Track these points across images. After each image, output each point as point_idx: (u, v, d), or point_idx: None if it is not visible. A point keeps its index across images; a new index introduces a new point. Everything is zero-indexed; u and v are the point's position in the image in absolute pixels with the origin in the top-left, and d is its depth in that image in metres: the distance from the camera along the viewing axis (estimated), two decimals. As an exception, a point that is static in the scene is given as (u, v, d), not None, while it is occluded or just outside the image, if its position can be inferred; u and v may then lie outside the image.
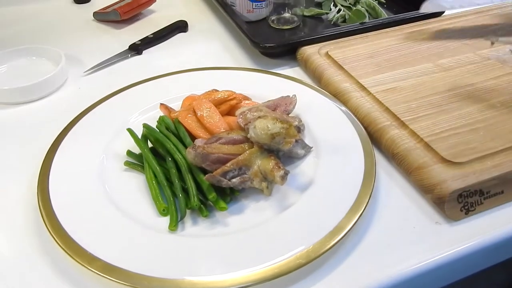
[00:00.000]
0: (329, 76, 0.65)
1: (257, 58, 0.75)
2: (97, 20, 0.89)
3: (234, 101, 0.58)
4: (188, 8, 0.94)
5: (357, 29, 0.75)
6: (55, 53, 0.72)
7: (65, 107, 0.65)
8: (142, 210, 0.48)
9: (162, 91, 0.64)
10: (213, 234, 0.45)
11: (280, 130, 0.48)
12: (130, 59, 0.76)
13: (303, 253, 0.41)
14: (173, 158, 0.50)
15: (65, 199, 0.47)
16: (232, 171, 0.47)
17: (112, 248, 0.42)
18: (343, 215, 0.45)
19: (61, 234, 0.43)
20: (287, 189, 0.49)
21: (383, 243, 0.45)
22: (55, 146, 0.54)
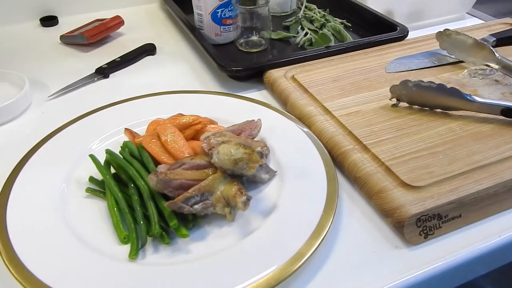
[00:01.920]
0: (294, 100, 0.66)
1: (224, 81, 0.76)
2: (64, 43, 0.88)
3: (199, 125, 0.58)
4: (157, 31, 0.94)
5: (322, 53, 0.76)
6: (18, 77, 0.71)
7: (27, 132, 0.64)
8: (103, 238, 0.47)
9: (128, 115, 0.64)
10: (175, 262, 0.44)
11: (243, 156, 0.48)
12: (96, 82, 0.76)
13: (264, 280, 0.41)
14: (135, 185, 0.50)
15: (23, 229, 0.46)
16: (194, 197, 0.47)
17: (72, 280, 0.41)
18: (304, 240, 0.45)
19: (17, 266, 0.42)
20: (251, 214, 0.49)
21: (345, 268, 0.45)
22: (14, 174, 0.53)
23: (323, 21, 0.88)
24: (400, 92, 0.63)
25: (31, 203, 0.50)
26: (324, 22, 0.88)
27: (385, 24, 0.85)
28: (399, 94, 0.63)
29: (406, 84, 0.62)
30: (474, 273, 0.50)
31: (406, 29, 0.83)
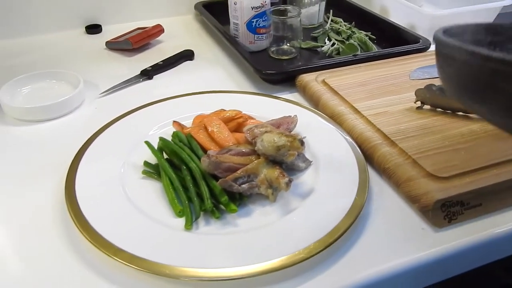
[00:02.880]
0: (326, 101, 0.72)
1: (259, 84, 0.82)
2: (109, 48, 0.96)
3: (240, 119, 0.64)
4: (193, 39, 1.01)
5: (350, 60, 0.82)
6: (73, 77, 0.78)
7: (83, 124, 0.71)
8: (160, 212, 0.53)
9: (173, 111, 0.70)
10: (224, 233, 0.50)
11: (285, 143, 0.54)
12: (141, 83, 0.83)
13: (305, 249, 0.46)
14: (187, 167, 0.56)
15: (91, 202, 0.52)
16: (242, 177, 0.53)
17: (136, 243, 0.47)
18: (340, 219, 0.50)
19: (90, 232, 0.48)
20: (290, 196, 0.55)
21: (376, 244, 0.50)
22: (78, 158, 0.59)
23: (349, 32, 0.94)
24: (424, 95, 0.69)
25: (96, 181, 0.56)
26: (351, 33, 0.94)
27: (408, 36, 0.91)
28: (424, 97, 0.69)
29: (430, 88, 0.68)
30: (491, 257, 0.55)
31: (428, 41, 0.89)
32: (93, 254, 0.48)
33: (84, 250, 0.49)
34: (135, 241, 0.48)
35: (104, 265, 0.47)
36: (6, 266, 0.48)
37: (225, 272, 0.44)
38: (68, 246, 0.49)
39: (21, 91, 0.78)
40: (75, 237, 0.50)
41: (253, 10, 0.87)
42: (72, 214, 0.50)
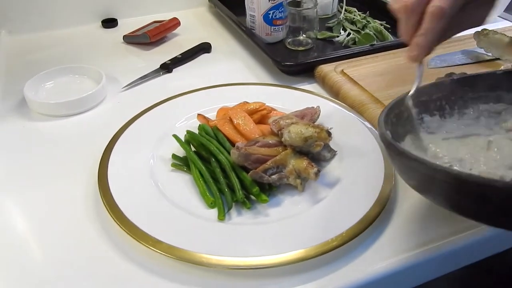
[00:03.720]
0: (346, 91, 0.73)
1: (277, 76, 0.83)
2: (126, 42, 0.96)
3: (264, 111, 0.66)
4: (208, 32, 1.02)
5: (368, 50, 0.83)
6: (95, 72, 0.79)
7: (108, 119, 0.72)
8: (192, 203, 0.54)
9: (196, 104, 0.71)
10: (256, 223, 0.51)
11: (313, 134, 0.55)
12: (161, 76, 0.84)
13: (337, 236, 0.48)
14: (216, 159, 0.57)
15: (125, 195, 0.54)
16: (271, 168, 0.54)
17: (172, 234, 0.49)
18: (370, 206, 0.51)
19: (128, 225, 0.49)
20: (317, 185, 0.56)
21: (405, 230, 0.51)
22: (108, 152, 0.60)
23: (364, 22, 0.95)
24: (445, 83, 0.69)
25: (127, 173, 0.57)
26: (365, 23, 0.95)
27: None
28: (444, 85, 0.69)
29: (451, 76, 0.69)
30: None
31: (443, 29, 0.89)
32: (130, 246, 0.49)
33: (120, 242, 0.50)
34: (171, 232, 0.49)
35: (141, 256, 0.48)
36: (48, 263, 0.50)
37: (261, 261, 0.46)
38: (105, 239, 0.51)
39: (44, 86, 0.79)
40: (110, 229, 0.51)
41: (270, 2, 0.87)
42: (108, 208, 0.52)
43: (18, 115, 0.73)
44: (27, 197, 0.58)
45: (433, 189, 0.46)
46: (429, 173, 0.42)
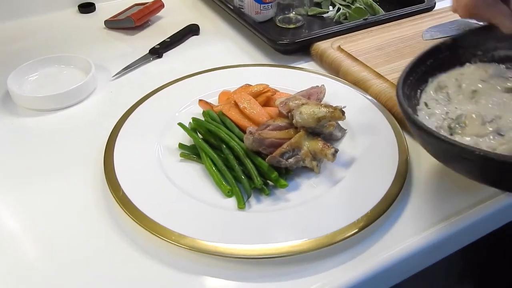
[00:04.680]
0: (347, 68, 0.72)
1: (272, 55, 0.81)
2: (108, 27, 0.92)
3: (269, 93, 0.64)
4: (193, 13, 0.98)
5: (362, 25, 0.82)
6: (82, 61, 0.75)
7: (102, 110, 0.69)
8: (208, 193, 0.52)
9: (194, 89, 0.69)
10: (278, 209, 0.50)
11: (326, 114, 0.54)
12: (152, 62, 0.80)
13: (363, 216, 0.47)
14: (228, 146, 0.55)
15: (137, 191, 0.51)
16: (288, 152, 0.53)
17: (194, 227, 0.47)
18: (390, 183, 0.51)
19: (145, 221, 0.47)
20: (333, 166, 0.55)
21: (427, 203, 0.51)
22: (110, 145, 0.57)
23: (353, -4, 0.93)
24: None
25: (135, 166, 0.55)
26: (354, -3, 0.93)
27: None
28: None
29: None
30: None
31: (433, 0, 0.89)
32: (150, 243, 0.47)
33: (139, 239, 0.48)
34: (193, 225, 0.47)
35: (161, 251, 0.47)
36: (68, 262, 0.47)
37: (291, 247, 0.45)
38: (122, 236, 0.49)
39: (28, 79, 0.74)
40: (125, 227, 0.49)
41: (259, -21, 0.84)
42: (123, 206, 0.49)
43: (4, 112, 0.69)
44: (27, 198, 0.54)
45: (457, 164, 0.46)
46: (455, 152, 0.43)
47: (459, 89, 0.57)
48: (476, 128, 0.51)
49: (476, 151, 0.41)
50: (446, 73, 0.59)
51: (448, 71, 0.59)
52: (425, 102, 0.55)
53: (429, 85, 0.57)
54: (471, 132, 0.50)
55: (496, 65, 0.60)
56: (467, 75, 0.59)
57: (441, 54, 0.58)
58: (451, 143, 0.42)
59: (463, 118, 0.52)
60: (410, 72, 0.55)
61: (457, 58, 0.60)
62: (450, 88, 0.57)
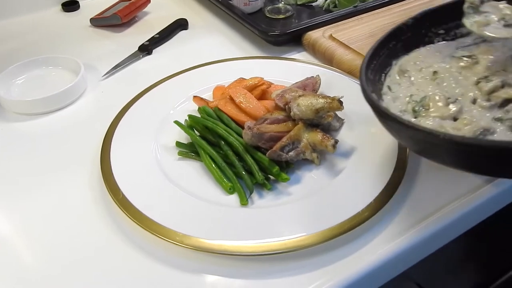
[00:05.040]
0: (340, 56, 0.71)
1: (264, 47, 0.80)
2: (94, 25, 0.90)
3: (264, 86, 0.63)
4: (181, 8, 0.96)
5: (352, 12, 0.81)
6: (70, 61, 0.73)
7: (95, 111, 0.68)
8: (208, 191, 0.52)
9: (187, 86, 0.68)
10: (281, 203, 0.50)
11: (324, 105, 0.53)
12: (142, 59, 0.79)
13: (368, 206, 0.47)
14: (226, 142, 0.54)
15: (137, 191, 0.50)
16: (288, 145, 0.52)
17: (199, 227, 0.46)
18: (391, 172, 0.51)
19: (147, 223, 0.47)
20: (333, 157, 0.55)
21: (429, 189, 0.52)
22: (106, 147, 0.56)
23: (341, -17, 0.92)
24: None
25: (133, 167, 0.54)
26: (342, -16, 0.92)
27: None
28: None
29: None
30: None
31: (420, -16, 0.88)
32: (153, 244, 0.46)
33: (141, 241, 0.47)
34: (197, 225, 0.47)
35: (166, 253, 0.46)
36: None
37: (299, 241, 0.44)
38: (123, 238, 0.48)
39: (15, 82, 0.72)
40: (125, 227, 0.49)
41: (246, -30, 0.83)
42: (124, 209, 0.48)
43: (-7, 117, 0.67)
44: (23, 203, 0.53)
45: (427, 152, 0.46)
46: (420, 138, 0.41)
47: (419, 72, 0.55)
48: (440, 109, 0.49)
49: (441, 135, 0.38)
50: (408, 55, 0.57)
51: (410, 52, 0.57)
52: (388, 85, 0.54)
53: (393, 68, 0.56)
54: (435, 114, 0.49)
55: (448, 45, 0.58)
56: (424, 58, 0.57)
57: (403, 36, 0.57)
58: (416, 128, 0.40)
59: (427, 100, 0.51)
60: (373, 56, 0.53)
61: (420, 38, 0.58)
62: (411, 72, 0.55)
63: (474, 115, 0.48)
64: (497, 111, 0.47)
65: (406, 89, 0.53)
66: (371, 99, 0.46)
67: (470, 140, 0.40)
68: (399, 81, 0.54)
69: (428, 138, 0.40)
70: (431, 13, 0.58)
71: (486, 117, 0.47)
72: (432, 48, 0.58)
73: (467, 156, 0.41)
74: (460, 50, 0.57)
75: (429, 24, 0.58)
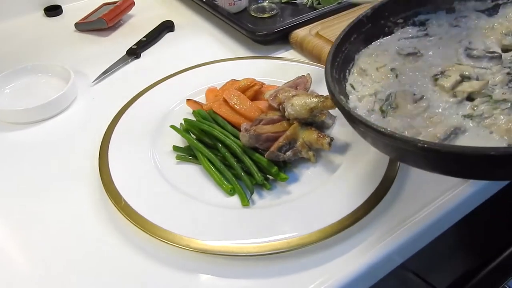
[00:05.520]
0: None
1: (251, 46, 0.80)
2: (79, 30, 0.89)
3: (256, 86, 0.64)
4: (165, 9, 0.96)
5: (337, 9, 0.83)
6: (59, 68, 0.73)
7: (88, 118, 0.68)
8: (209, 194, 0.52)
9: (179, 89, 0.68)
10: (283, 202, 0.51)
11: (317, 104, 0.55)
12: (131, 63, 0.79)
13: (365, 202, 0.49)
14: (224, 144, 0.55)
15: (140, 198, 0.51)
16: (285, 145, 0.53)
17: (203, 230, 0.47)
18: (385, 166, 0.53)
19: (152, 229, 0.47)
20: (328, 154, 0.56)
21: (421, 184, 0.53)
22: (103, 154, 0.57)
23: (323, -20, 0.93)
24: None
25: (135, 173, 0.54)
26: (325, -20, 0.93)
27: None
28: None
29: None
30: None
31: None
32: (159, 249, 0.47)
33: (147, 246, 0.48)
34: (201, 228, 0.48)
35: (173, 257, 0.47)
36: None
37: (303, 238, 0.46)
38: (129, 245, 0.49)
39: (4, 91, 0.72)
40: (130, 234, 0.49)
41: (230, -30, 0.83)
42: (128, 216, 0.49)
43: (-17, 128, 0.67)
44: (22, 217, 0.53)
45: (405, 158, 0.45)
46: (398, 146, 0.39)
47: (377, 72, 0.54)
48: (407, 108, 0.48)
49: (420, 143, 0.37)
50: (368, 48, 0.56)
51: (370, 45, 0.56)
52: (351, 84, 0.53)
53: (355, 64, 0.54)
54: (403, 113, 0.48)
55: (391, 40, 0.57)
56: (377, 57, 0.56)
57: (363, 28, 0.56)
58: (394, 136, 0.39)
59: (393, 98, 0.50)
60: (336, 53, 0.52)
61: (380, 28, 0.57)
62: (369, 71, 0.54)
63: (442, 112, 0.47)
64: (465, 107, 0.47)
65: (370, 87, 0.52)
66: (340, 104, 0.45)
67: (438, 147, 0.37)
68: (361, 80, 0.53)
69: (402, 145, 0.39)
70: (388, 2, 0.57)
71: (455, 115, 0.47)
72: (381, 45, 0.57)
73: (439, 162, 0.40)
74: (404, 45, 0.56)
75: (388, 13, 0.57)
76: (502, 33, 0.54)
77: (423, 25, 0.58)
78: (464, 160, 0.37)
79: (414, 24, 0.58)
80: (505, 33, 0.54)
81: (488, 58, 0.52)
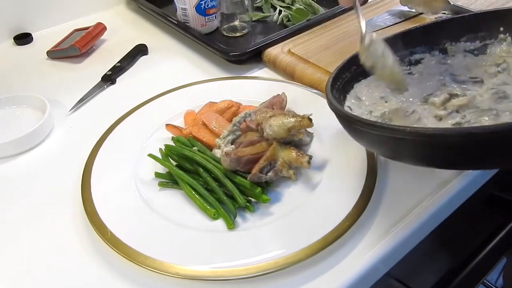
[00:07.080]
0: (301, 71, 0.74)
1: (225, 66, 0.82)
2: (51, 58, 0.89)
3: (233, 108, 0.65)
4: (136, 32, 0.97)
5: (306, 26, 0.85)
6: (34, 99, 0.73)
7: (66, 148, 0.67)
8: (194, 219, 0.53)
9: (157, 114, 0.69)
10: (267, 223, 0.52)
11: (295, 124, 0.56)
12: (107, 89, 0.79)
13: (348, 216, 0.50)
14: (205, 169, 0.56)
15: (125, 228, 0.51)
16: (266, 166, 0.55)
17: (190, 256, 0.48)
18: (364, 179, 0.55)
19: (140, 259, 0.48)
20: (307, 171, 0.58)
21: (401, 192, 0.56)
22: (86, 184, 0.57)
23: (291, -3, 0.96)
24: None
25: (117, 202, 0.55)
26: (293, -3, 0.96)
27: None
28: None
29: None
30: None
31: (367, -8, 0.93)
32: (150, 278, 0.48)
33: (136, 276, 0.48)
34: (189, 254, 0.48)
35: (162, 285, 0.47)
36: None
37: (292, 256, 0.47)
38: (116, 275, 0.49)
39: (-23, 126, 0.71)
40: (117, 264, 0.49)
41: (200, -8, 0.85)
42: (112, 246, 0.49)
43: (-41, 165, 0.66)
44: (4, 252, 0.53)
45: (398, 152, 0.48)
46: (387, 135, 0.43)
47: (371, 98, 0.59)
48: (402, 120, 0.53)
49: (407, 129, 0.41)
50: (366, 79, 0.61)
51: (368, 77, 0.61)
52: (349, 106, 0.58)
53: (352, 91, 0.59)
54: (398, 124, 0.50)
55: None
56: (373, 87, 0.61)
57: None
58: (384, 126, 0.43)
59: (387, 114, 0.55)
60: (336, 78, 0.57)
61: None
62: (364, 97, 0.59)
63: (433, 122, 0.52)
64: (455, 118, 0.52)
65: (365, 108, 0.58)
66: (337, 108, 0.50)
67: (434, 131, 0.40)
68: (358, 105, 0.58)
69: (394, 133, 0.42)
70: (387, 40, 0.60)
71: (446, 124, 0.52)
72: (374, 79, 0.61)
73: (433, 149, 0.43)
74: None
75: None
76: (487, 65, 0.59)
77: (418, 63, 0.63)
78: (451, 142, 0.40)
79: (410, 62, 0.63)
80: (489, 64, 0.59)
81: (472, 82, 0.57)
